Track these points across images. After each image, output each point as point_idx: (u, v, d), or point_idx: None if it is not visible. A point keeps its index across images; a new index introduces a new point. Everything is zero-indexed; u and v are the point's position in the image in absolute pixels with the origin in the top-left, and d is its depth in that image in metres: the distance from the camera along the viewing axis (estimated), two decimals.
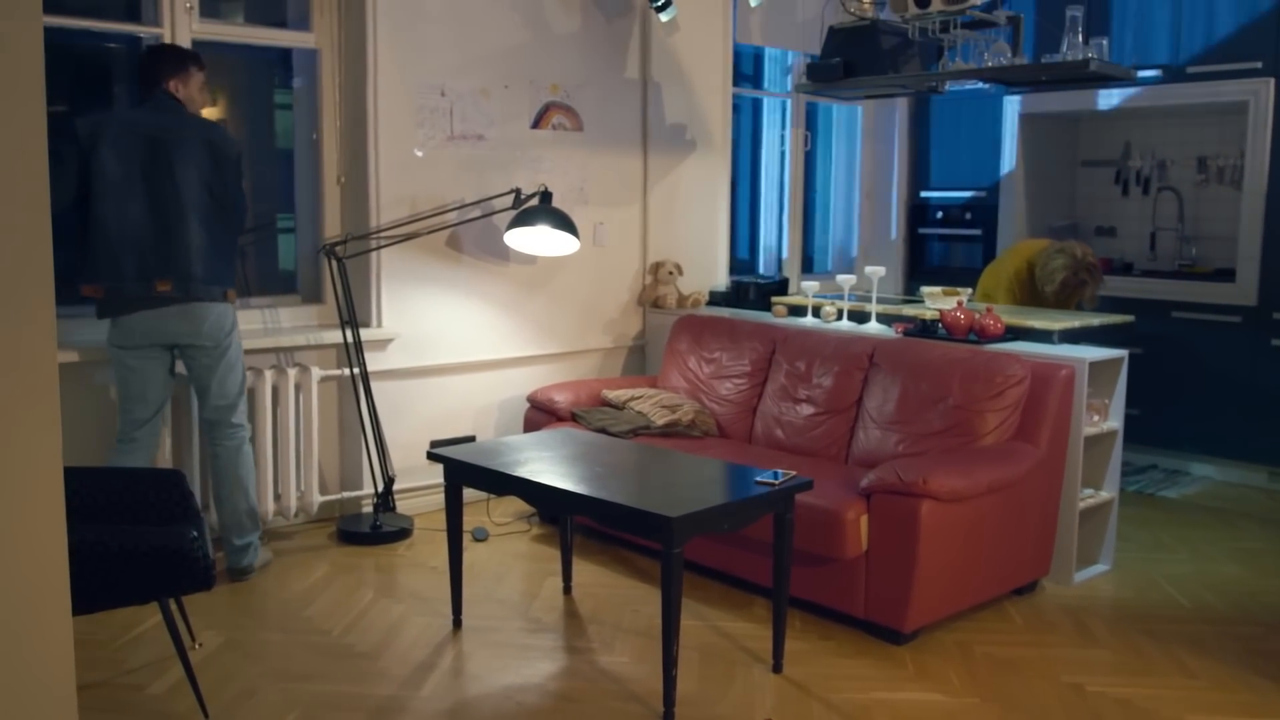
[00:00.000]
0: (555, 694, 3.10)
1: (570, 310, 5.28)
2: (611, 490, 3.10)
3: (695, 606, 3.74)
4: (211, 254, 3.74)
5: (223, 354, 3.81)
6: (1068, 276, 4.86)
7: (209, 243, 3.74)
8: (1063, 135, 6.49)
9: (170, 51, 3.86)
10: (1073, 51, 4.18)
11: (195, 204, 3.70)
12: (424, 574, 4.05)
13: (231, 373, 3.85)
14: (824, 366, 4.27)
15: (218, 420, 3.86)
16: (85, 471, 3.15)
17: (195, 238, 3.70)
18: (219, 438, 3.88)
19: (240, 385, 3.90)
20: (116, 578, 2.72)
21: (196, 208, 3.71)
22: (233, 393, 3.87)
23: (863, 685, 3.17)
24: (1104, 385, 4.08)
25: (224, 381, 3.84)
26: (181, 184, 3.68)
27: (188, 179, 3.69)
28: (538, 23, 5.00)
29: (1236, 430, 5.40)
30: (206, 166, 3.72)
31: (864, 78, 4.78)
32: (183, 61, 3.82)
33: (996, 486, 3.53)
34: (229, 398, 3.86)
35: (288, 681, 3.14)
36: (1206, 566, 4.26)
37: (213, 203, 3.74)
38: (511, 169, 4.95)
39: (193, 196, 3.70)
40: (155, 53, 3.85)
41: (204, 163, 3.72)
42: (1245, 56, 5.31)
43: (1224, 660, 3.37)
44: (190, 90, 3.82)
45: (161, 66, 3.78)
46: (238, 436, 3.90)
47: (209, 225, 3.74)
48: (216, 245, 3.77)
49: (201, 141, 3.73)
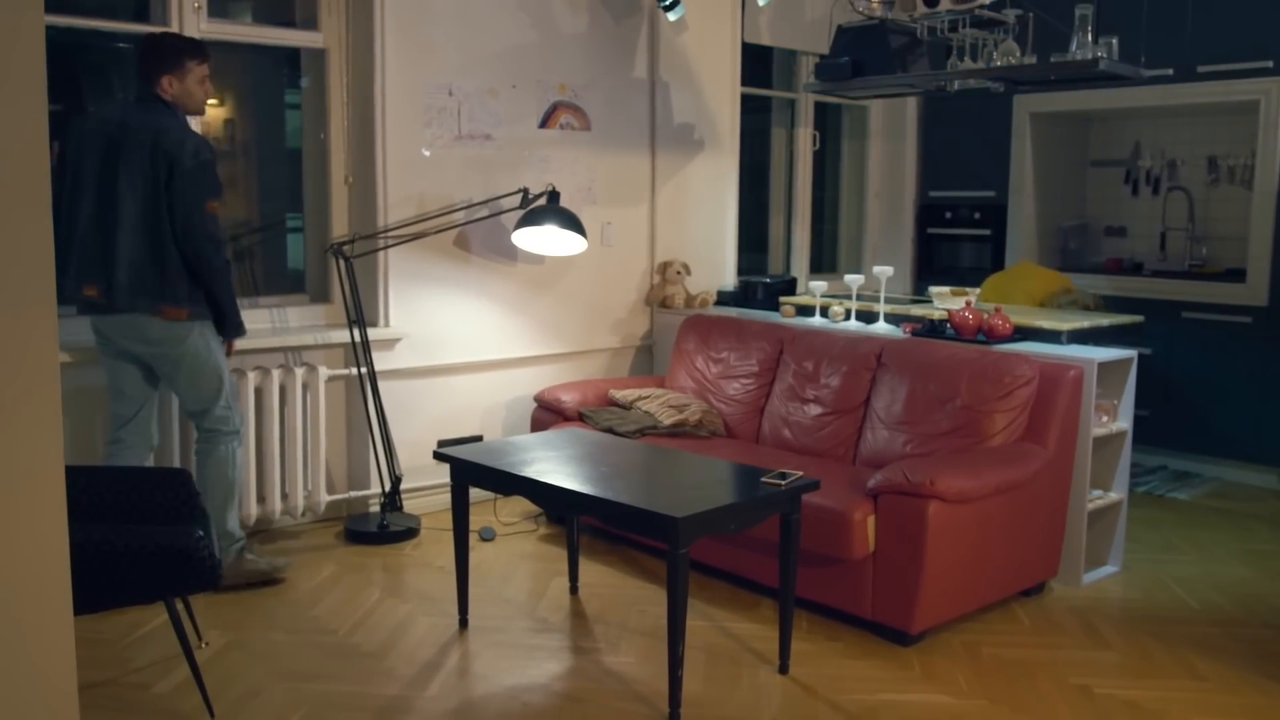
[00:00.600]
0: (561, 694, 3.09)
1: (578, 310, 5.28)
2: (617, 490, 3.09)
3: (702, 607, 3.73)
4: (145, 265, 3.53)
5: (176, 363, 3.65)
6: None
7: (145, 254, 3.52)
8: (1073, 135, 6.46)
9: (165, 44, 3.64)
10: (1081, 51, 4.16)
11: (135, 212, 3.51)
12: (431, 573, 4.05)
13: (196, 379, 3.69)
14: (832, 366, 4.26)
15: (194, 424, 3.81)
16: (91, 471, 3.15)
17: (127, 247, 3.51)
18: (196, 440, 3.84)
19: (213, 392, 3.72)
20: (122, 577, 2.73)
21: (136, 216, 3.51)
22: (204, 398, 3.72)
23: (869, 686, 3.16)
24: (1113, 386, 4.06)
25: (190, 388, 3.71)
26: (124, 189, 3.50)
27: (132, 185, 3.50)
28: (545, 22, 5.00)
29: (1247, 431, 5.37)
30: (156, 174, 3.50)
31: (872, 77, 4.76)
32: (178, 55, 3.61)
33: (1004, 487, 3.51)
34: (199, 403, 3.74)
35: (293, 681, 3.14)
36: (1216, 568, 4.23)
37: (155, 213, 3.51)
38: (519, 169, 4.95)
39: (134, 204, 3.51)
40: (149, 45, 3.63)
41: (153, 170, 3.50)
42: (1256, 55, 5.28)
43: (1233, 663, 3.35)
44: (187, 85, 3.62)
45: (154, 61, 3.59)
46: (210, 441, 3.77)
47: (148, 235, 3.52)
48: (154, 257, 3.53)
49: (154, 148, 3.50)
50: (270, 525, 4.40)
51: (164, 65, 3.61)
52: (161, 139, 3.52)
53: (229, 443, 3.80)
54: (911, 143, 6.83)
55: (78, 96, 4.30)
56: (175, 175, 3.51)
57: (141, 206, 3.52)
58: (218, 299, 3.67)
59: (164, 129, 3.54)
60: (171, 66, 3.62)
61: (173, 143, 3.52)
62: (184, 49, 3.65)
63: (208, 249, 3.58)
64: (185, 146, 3.53)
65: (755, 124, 6.33)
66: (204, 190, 3.56)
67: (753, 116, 6.18)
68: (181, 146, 3.52)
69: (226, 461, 3.79)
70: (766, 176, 6.54)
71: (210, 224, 3.58)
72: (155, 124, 3.55)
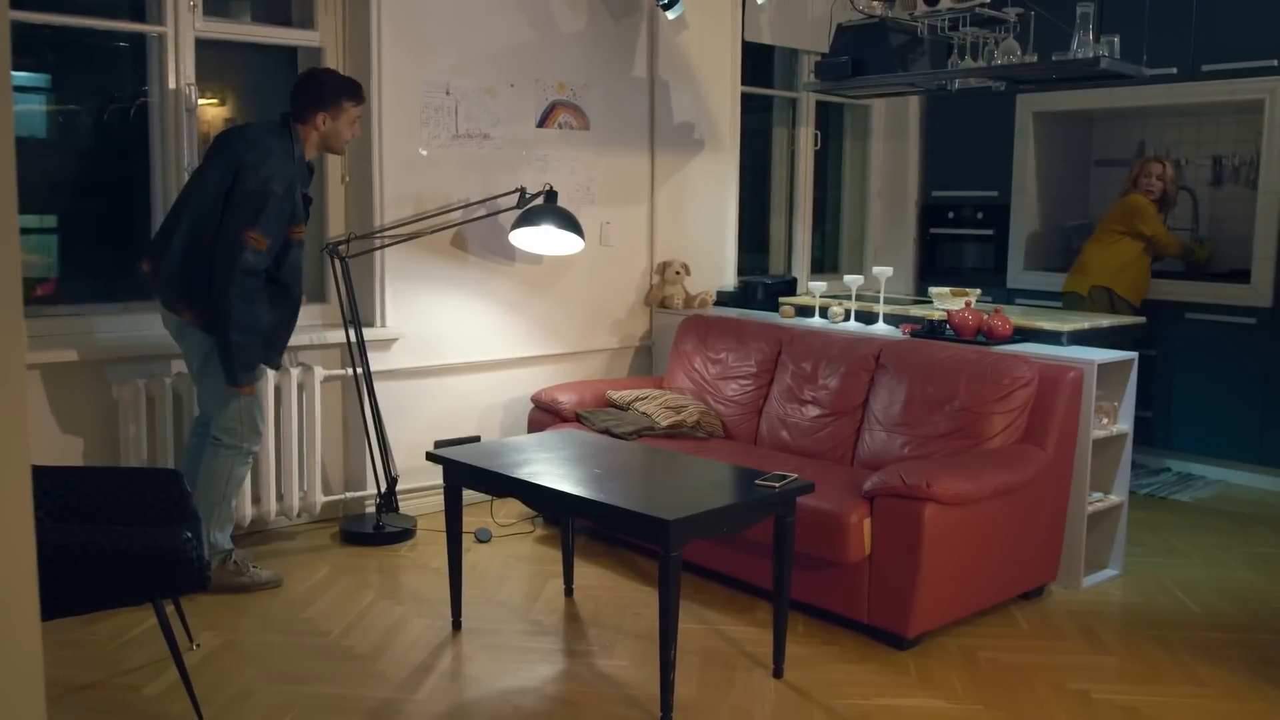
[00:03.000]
0: (553, 698, 3.07)
1: (577, 310, 5.25)
2: (610, 492, 3.06)
3: (698, 609, 3.70)
4: (182, 265, 3.58)
5: (190, 359, 3.72)
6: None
7: (185, 254, 3.58)
8: (1076, 134, 6.42)
9: (326, 83, 3.79)
10: (1082, 49, 4.12)
11: (195, 214, 3.59)
12: (426, 575, 4.03)
13: (206, 382, 3.72)
14: (830, 367, 4.23)
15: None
16: (81, 471, 3.13)
17: (179, 243, 3.59)
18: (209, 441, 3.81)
19: (221, 401, 3.70)
20: (109, 578, 2.70)
21: (194, 218, 3.59)
22: (212, 403, 3.73)
23: (865, 691, 3.13)
24: (1114, 388, 4.02)
25: (202, 388, 3.75)
26: (197, 191, 3.62)
27: (203, 188, 3.61)
28: (544, 21, 4.97)
29: (1250, 433, 5.33)
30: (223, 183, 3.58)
31: (872, 76, 4.73)
32: (337, 96, 3.77)
33: (1002, 490, 3.48)
34: (208, 407, 3.75)
35: (285, 683, 3.12)
36: (1218, 572, 4.19)
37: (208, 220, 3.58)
38: (517, 168, 4.93)
39: (198, 207, 3.59)
40: (311, 80, 3.80)
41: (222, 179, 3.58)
42: (1261, 54, 5.24)
43: (1235, 668, 3.31)
44: (339, 125, 3.79)
45: (312, 96, 3.74)
46: (212, 449, 3.74)
47: (195, 239, 3.58)
48: (191, 260, 3.59)
49: (235, 159, 3.59)
50: (266, 526, 4.37)
51: (322, 103, 3.74)
52: (247, 154, 3.59)
53: (230, 457, 3.75)
54: (914, 142, 6.80)
55: (75, 97, 4.29)
56: (235, 190, 3.56)
57: (201, 213, 3.60)
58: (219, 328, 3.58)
59: (255, 146, 3.61)
60: (329, 104, 3.76)
61: (251, 162, 3.57)
62: (343, 91, 3.80)
63: (223, 270, 3.53)
64: (260, 171, 3.57)
65: (757, 123, 6.30)
66: (251, 216, 3.54)
67: (754, 116, 6.16)
68: (257, 169, 3.57)
69: (220, 473, 3.74)
70: (768, 176, 6.51)
71: (239, 250, 3.53)
72: (257, 142, 3.63)
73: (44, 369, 3.85)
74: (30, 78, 4.16)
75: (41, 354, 3.82)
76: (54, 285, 4.25)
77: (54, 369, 3.87)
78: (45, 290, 4.19)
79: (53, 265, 4.30)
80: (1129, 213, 5.40)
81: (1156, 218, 5.39)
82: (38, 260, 4.22)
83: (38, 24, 3.93)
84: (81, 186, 4.35)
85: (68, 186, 4.30)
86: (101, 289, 4.28)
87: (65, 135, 4.33)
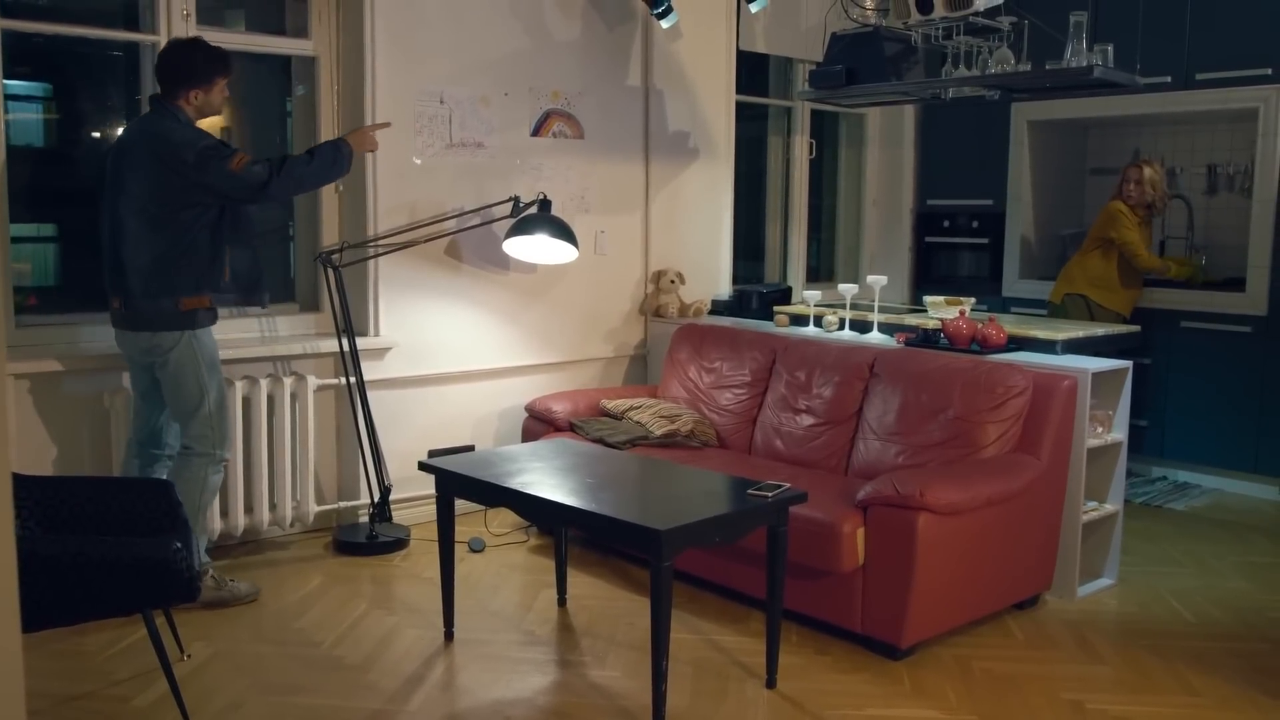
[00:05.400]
0: (545, 709, 3.05)
1: (571, 319, 5.25)
2: (602, 502, 3.05)
3: (691, 620, 3.69)
4: (150, 269, 3.56)
5: (163, 368, 3.66)
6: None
7: (148, 259, 3.56)
8: (1071, 143, 6.43)
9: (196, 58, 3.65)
10: (1076, 58, 4.13)
11: (135, 222, 3.55)
12: (419, 585, 4.02)
13: (178, 389, 3.67)
14: (824, 376, 4.22)
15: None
16: (71, 481, 3.12)
17: (133, 256, 3.56)
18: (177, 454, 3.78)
19: (192, 406, 3.67)
20: (98, 589, 2.69)
21: (136, 225, 3.55)
22: (184, 410, 3.69)
23: (858, 701, 3.12)
24: (1108, 396, 4.02)
25: (173, 396, 3.70)
26: (125, 203, 3.56)
27: (130, 197, 3.55)
28: (538, 29, 4.97)
29: (1246, 442, 5.32)
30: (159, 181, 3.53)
31: (866, 85, 4.73)
32: (210, 70, 3.65)
33: (996, 499, 3.47)
34: (178, 414, 3.72)
35: (275, 694, 3.11)
36: (1213, 581, 4.18)
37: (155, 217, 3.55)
38: (511, 177, 4.92)
39: (132, 215, 3.55)
40: (177, 55, 3.65)
41: (153, 180, 3.53)
42: (1255, 63, 5.25)
43: (1229, 678, 3.30)
44: (211, 97, 3.68)
45: (184, 73, 3.62)
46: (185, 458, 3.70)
47: (150, 239, 3.56)
48: (158, 259, 3.56)
49: (154, 160, 3.54)
50: (259, 536, 4.36)
51: (194, 79, 3.64)
52: (159, 148, 3.55)
53: (203, 465, 3.71)
54: (909, 151, 6.80)
55: (72, 104, 4.29)
56: (188, 176, 3.54)
57: (140, 217, 3.56)
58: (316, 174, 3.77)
59: (161, 138, 3.57)
60: (200, 81, 3.65)
61: (169, 152, 3.54)
62: (215, 68, 3.68)
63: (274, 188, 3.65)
64: (181, 152, 3.54)
65: (752, 132, 6.30)
66: (219, 163, 3.56)
67: (750, 124, 6.16)
68: (178, 152, 3.54)
69: (195, 483, 3.68)
70: (763, 185, 6.51)
71: (245, 179, 3.59)
72: (155, 134, 3.59)
73: (36, 378, 3.84)
74: (27, 86, 4.16)
75: (33, 363, 3.81)
76: (48, 294, 4.24)
77: (46, 377, 3.86)
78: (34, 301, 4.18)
79: (49, 273, 4.29)
80: (1103, 220, 5.39)
81: (1129, 224, 5.29)
82: (32, 268, 4.21)
83: (32, 33, 3.92)
84: (76, 195, 4.34)
85: (63, 195, 4.29)
86: (96, 297, 4.26)
87: (62, 144, 4.33)
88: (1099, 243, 5.39)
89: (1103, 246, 5.38)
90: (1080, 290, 5.39)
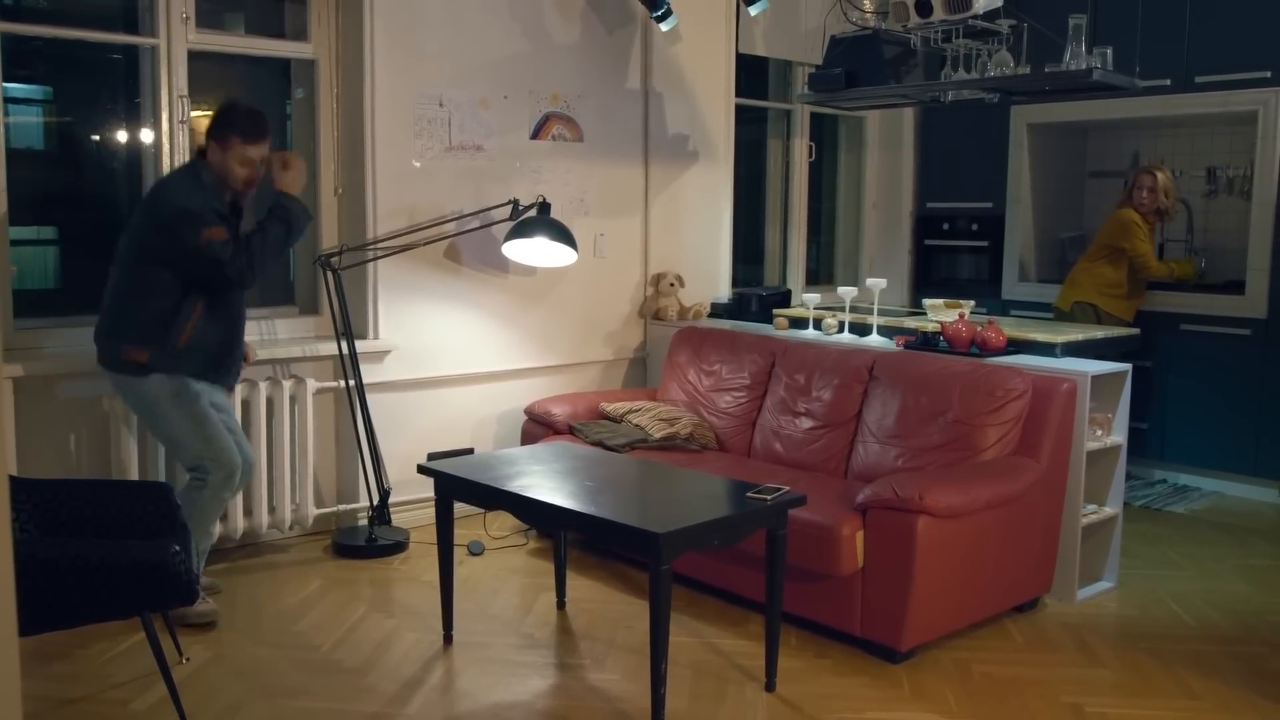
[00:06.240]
0: (543, 712, 3.05)
1: (570, 322, 5.24)
2: (600, 505, 3.05)
3: (690, 623, 3.68)
4: (113, 312, 3.57)
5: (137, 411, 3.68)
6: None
7: (112, 302, 3.58)
8: (1071, 146, 6.43)
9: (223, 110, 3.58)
10: (1075, 61, 4.13)
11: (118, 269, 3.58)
12: (418, 588, 4.01)
13: (154, 430, 3.68)
14: (823, 379, 4.22)
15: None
16: (70, 484, 3.12)
17: (107, 293, 3.60)
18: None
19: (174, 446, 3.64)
20: (97, 592, 2.69)
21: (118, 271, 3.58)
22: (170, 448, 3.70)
23: (857, 705, 3.12)
24: (1107, 399, 4.01)
25: (154, 436, 3.77)
26: (125, 236, 3.59)
27: (128, 232, 3.58)
28: (538, 32, 4.97)
29: (1245, 444, 5.32)
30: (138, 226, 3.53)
31: (866, 88, 4.73)
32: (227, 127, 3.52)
33: (995, 502, 3.47)
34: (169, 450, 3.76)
35: (274, 698, 3.10)
36: (1213, 584, 4.18)
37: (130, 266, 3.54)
38: (511, 180, 4.92)
39: (118, 262, 3.58)
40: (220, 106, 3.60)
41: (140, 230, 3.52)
42: (1254, 66, 5.25)
43: (1228, 681, 3.30)
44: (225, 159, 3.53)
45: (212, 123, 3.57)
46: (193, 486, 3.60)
47: (121, 285, 3.57)
48: (120, 303, 3.56)
49: (148, 199, 3.58)
50: (258, 539, 4.36)
51: (212, 131, 3.57)
52: (153, 195, 3.57)
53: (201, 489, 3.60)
54: (909, 154, 6.80)
55: (71, 107, 4.29)
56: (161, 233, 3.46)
57: (121, 257, 3.59)
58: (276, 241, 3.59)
59: (160, 186, 3.59)
60: (215, 134, 3.55)
61: (154, 203, 3.52)
62: (233, 125, 3.53)
63: (221, 275, 3.49)
64: (161, 207, 3.48)
65: (752, 134, 6.30)
66: (190, 230, 3.43)
67: (749, 127, 6.16)
68: (159, 207, 3.49)
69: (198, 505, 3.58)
70: (763, 187, 6.51)
71: (212, 254, 3.44)
72: (162, 182, 3.63)
73: (35, 380, 3.84)
74: (26, 89, 4.16)
75: (34, 365, 3.80)
76: (47, 296, 4.24)
77: (45, 380, 3.86)
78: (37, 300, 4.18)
79: (49, 276, 4.29)
80: (1115, 229, 5.33)
81: (1142, 235, 5.26)
82: (28, 271, 4.21)
83: (32, 36, 3.92)
84: (77, 198, 4.34)
85: (62, 198, 4.30)
86: (95, 301, 4.26)
87: (62, 147, 4.33)
88: (1108, 250, 5.34)
89: (1111, 254, 5.32)
90: (1090, 299, 5.34)
